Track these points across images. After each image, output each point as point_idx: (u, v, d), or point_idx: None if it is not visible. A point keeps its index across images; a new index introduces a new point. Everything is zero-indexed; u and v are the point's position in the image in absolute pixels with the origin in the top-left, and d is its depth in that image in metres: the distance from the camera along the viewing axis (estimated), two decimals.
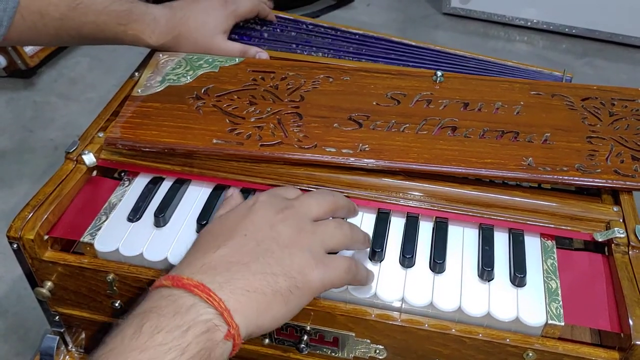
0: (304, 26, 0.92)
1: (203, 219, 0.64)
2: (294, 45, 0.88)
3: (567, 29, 1.77)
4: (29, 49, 1.53)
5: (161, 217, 0.64)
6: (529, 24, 1.81)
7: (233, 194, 0.62)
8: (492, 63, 0.86)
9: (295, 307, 0.51)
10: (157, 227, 0.64)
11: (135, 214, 0.65)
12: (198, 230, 0.64)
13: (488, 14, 1.84)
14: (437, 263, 0.60)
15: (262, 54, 0.83)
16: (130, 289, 0.63)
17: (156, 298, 0.47)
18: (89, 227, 0.64)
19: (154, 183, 0.69)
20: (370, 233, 0.63)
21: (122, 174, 0.71)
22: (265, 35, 0.91)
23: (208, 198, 0.67)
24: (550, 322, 0.56)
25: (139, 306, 0.47)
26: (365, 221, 0.65)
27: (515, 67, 0.85)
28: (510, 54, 1.72)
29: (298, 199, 0.57)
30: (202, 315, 0.45)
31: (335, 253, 0.57)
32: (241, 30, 0.90)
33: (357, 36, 0.90)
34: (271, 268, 0.49)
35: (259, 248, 0.51)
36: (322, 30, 0.92)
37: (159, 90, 0.74)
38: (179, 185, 0.68)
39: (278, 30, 0.92)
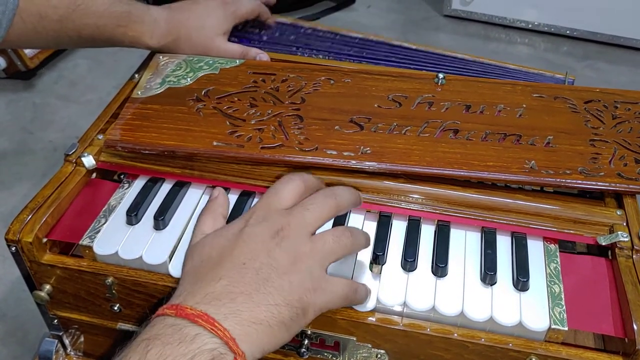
0: (302, 30, 0.92)
1: None
2: (294, 48, 0.88)
3: (568, 31, 1.77)
4: (28, 51, 1.53)
5: (161, 220, 0.63)
6: (530, 26, 1.81)
7: (218, 197, 0.62)
8: (493, 66, 0.85)
9: (296, 331, 0.52)
10: (156, 230, 0.64)
11: (134, 217, 0.64)
12: None
13: (489, 15, 1.84)
14: (439, 267, 0.59)
15: (263, 56, 0.82)
16: (129, 293, 0.63)
17: (160, 326, 0.47)
18: (88, 230, 0.64)
19: (154, 186, 0.68)
20: (372, 236, 0.62)
21: (122, 176, 0.71)
22: (265, 38, 0.90)
23: (208, 201, 0.66)
24: (553, 326, 0.55)
25: (142, 333, 0.47)
26: (367, 224, 0.64)
27: (517, 70, 0.85)
28: (511, 56, 1.72)
29: (294, 213, 0.55)
30: (207, 344, 0.46)
31: None
32: (240, 34, 0.90)
33: (357, 40, 0.89)
34: (273, 298, 0.50)
35: (258, 277, 0.50)
36: (321, 34, 0.91)
37: (158, 92, 0.74)
38: (179, 187, 0.68)
39: (277, 34, 0.91)
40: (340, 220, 0.64)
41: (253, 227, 0.54)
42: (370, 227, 0.64)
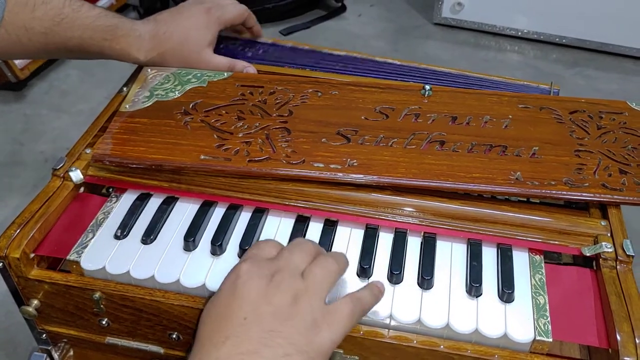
0: (286, 50, 0.91)
1: (190, 236, 0.63)
2: (280, 64, 0.87)
3: (557, 39, 1.78)
4: (19, 61, 1.53)
5: (148, 234, 0.64)
6: (519, 33, 1.82)
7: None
8: (479, 79, 0.85)
9: None
10: (144, 244, 0.64)
11: (122, 231, 0.64)
12: (185, 248, 0.63)
13: (479, 24, 1.85)
14: (425, 279, 0.60)
15: (250, 69, 0.82)
16: (117, 307, 0.63)
17: None
18: (76, 245, 0.64)
19: (142, 199, 0.68)
20: (359, 249, 0.63)
21: (110, 190, 0.71)
22: (249, 54, 0.90)
23: (195, 214, 0.66)
24: (538, 338, 0.55)
25: None
26: (354, 237, 0.65)
27: (502, 82, 0.85)
28: (501, 64, 1.73)
29: (282, 257, 0.55)
30: None
31: None
32: (224, 51, 0.89)
33: (340, 58, 0.89)
34: (283, 349, 0.48)
35: (262, 330, 0.49)
36: (302, 54, 0.90)
37: (146, 105, 0.74)
38: (167, 201, 0.68)
39: (260, 51, 0.91)
40: (327, 238, 0.64)
41: (246, 278, 0.53)
42: (357, 240, 0.64)
